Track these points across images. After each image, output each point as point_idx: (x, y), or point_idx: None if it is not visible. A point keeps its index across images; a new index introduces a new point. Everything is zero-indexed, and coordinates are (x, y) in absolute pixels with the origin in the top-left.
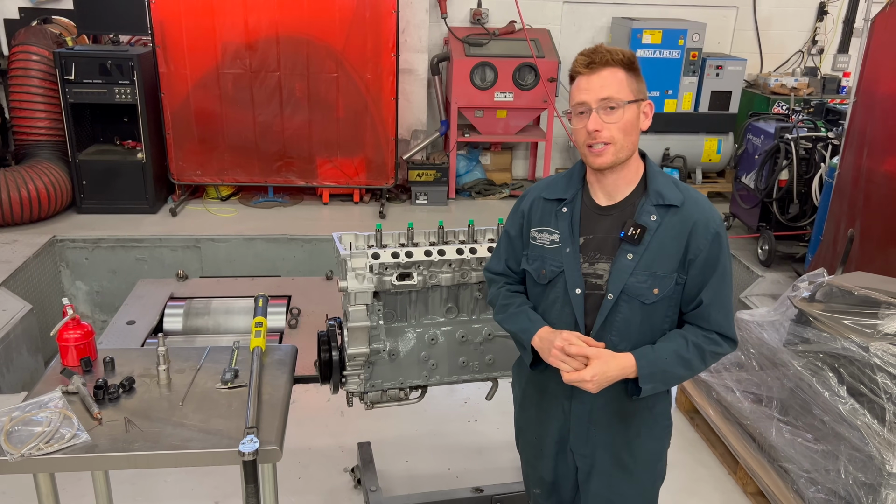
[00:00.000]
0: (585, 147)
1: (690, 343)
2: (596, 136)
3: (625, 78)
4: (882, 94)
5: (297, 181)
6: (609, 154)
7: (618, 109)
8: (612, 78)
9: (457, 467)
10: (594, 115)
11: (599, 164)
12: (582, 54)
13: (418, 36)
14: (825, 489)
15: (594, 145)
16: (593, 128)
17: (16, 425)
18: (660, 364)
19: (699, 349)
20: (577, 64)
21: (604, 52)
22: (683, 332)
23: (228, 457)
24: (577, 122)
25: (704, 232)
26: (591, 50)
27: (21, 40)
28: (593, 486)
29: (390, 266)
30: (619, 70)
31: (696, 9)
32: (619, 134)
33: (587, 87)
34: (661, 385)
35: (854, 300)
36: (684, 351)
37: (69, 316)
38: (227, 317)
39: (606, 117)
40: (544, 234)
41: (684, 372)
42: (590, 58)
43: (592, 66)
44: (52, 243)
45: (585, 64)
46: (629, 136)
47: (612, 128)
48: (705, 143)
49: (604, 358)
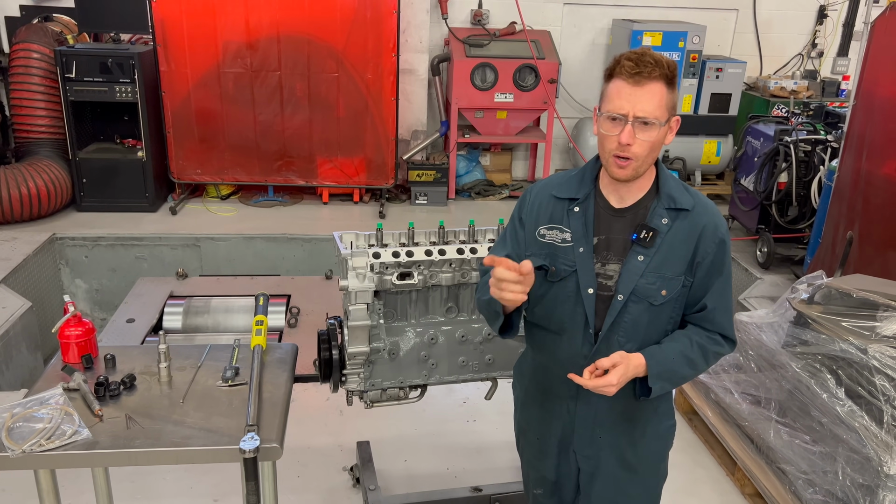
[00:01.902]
0: (612, 156)
1: (695, 343)
2: (626, 150)
3: (665, 95)
4: (881, 97)
5: (297, 181)
6: (630, 169)
7: (653, 128)
8: (655, 94)
9: (455, 467)
10: (628, 128)
11: (620, 175)
12: (629, 60)
13: (419, 36)
14: (823, 490)
15: (619, 157)
16: (626, 141)
17: (17, 422)
18: (667, 364)
19: (703, 349)
20: (623, 69)
21: (651, 63)
22: (687, 332)
23: (229, 454)
24: (608, 127)
25: (712, 236)
26: (638, 57)
27: (22, 38)
28: (598, 487)
29: (391, 265)
30: (662, 85)
31: (696, 11)
32: (645, 151)
33: (629, 97)
34: (669, 385)
35: (852, 302)
36: (689, 351)
37: (70, 313)
38: (227, 315)
39: (640, 133)
40: (555, 231)
41: (690, 372)
42: (638, 68)
43: (639, 79)
44: (51, 241)
45: (632, 73)
46: (653, 153)
47: (643, 144)
48: (705, 145)
49: (625, 362)
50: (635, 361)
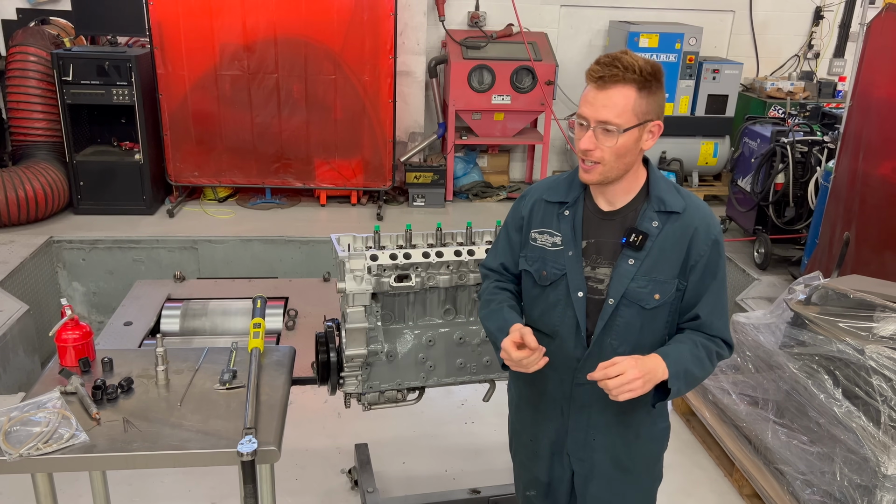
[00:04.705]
0: (580, 159)
1: (699, 344)
2: (588, 155)
3: (634, 99)
4: (877, 98)
5: (294, 183)
6: (596, 173)
7: (613, 134)
8: (618, 98)
9: (454, 469)
10: (589, 134)
11: (586, 179)
12: (598, 63)
13: (416, 38)
14: (820, 491)
15: (585, 161)
16: (585, 147)
17: (14, 425)
18: (683, 363)
19: (707, 350)
20: (590, 72)
21: (620, 66)
22: (688, 335)
23: (227, 457)
24: (577, 131)
25: (705, 237)
26: (608, 60)
27: (19, 41)
28: (593, 489)
29: (388, 268)
30: (631, 89)
31: (693, 13)
32: (611, 156)
33: (591, 102)
34: (685, 387)
35: (849, 303)
36: (697, 351)
37: (68, 316)
38: (224, 318)
39: (602, 139)
40: (545, 235)
41: (700, 373)
42: (603, 71)
43: (602, 82)
44: (48, 244)
45: (596, 77)
46: (622, 159)
47: (606, 150)
48: (702, 146)
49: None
50: (651, 362)
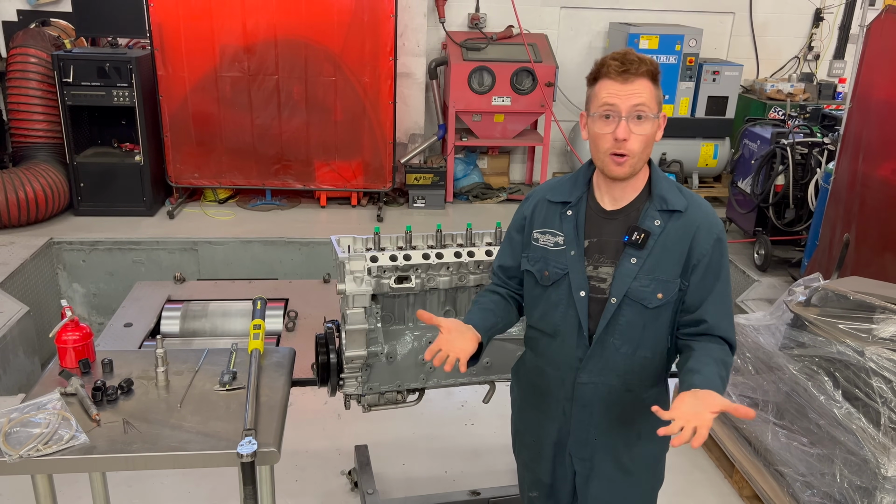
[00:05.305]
0: (608, 154)
1: (718, 362)
2: (623, 146)
3: (651, 89)
4: (877, 99)
5: (294, 184)
6: (628, 165)
7: (646, 120)
8: (642, 88)
9: (454, 470)
10: (623, 123)
11: (619, 173)
12: (615, 59)
13: (416, 40)
14: (821, 493)
15: (617, 153)
16: (622, 136)
17: (14, 426)
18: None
19: (725, 365)
20: (610, 69)
21: (636, 60)
22: (706, 351)
23: (226, 458)
24: (601, 126)
25: (707, 236)
26: (622, 56)
27: (19, 42)
28: (593, 489)
29: (388, 269)
30: (649, 81)
31: (693, 14)
32: (640, 146)
33: (618, 93)
34: None
35: (849, 304)
36: (722, 370)
37: (68, 318)
38: (224, 319)
39: (635, 127)
40: (548, 235)
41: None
42: (625, 66)
43: (627, 76)
44: (49, 245)
45: (620, 71)
46: (647, 150)
47: (638, 139)
48: (702, 148)
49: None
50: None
